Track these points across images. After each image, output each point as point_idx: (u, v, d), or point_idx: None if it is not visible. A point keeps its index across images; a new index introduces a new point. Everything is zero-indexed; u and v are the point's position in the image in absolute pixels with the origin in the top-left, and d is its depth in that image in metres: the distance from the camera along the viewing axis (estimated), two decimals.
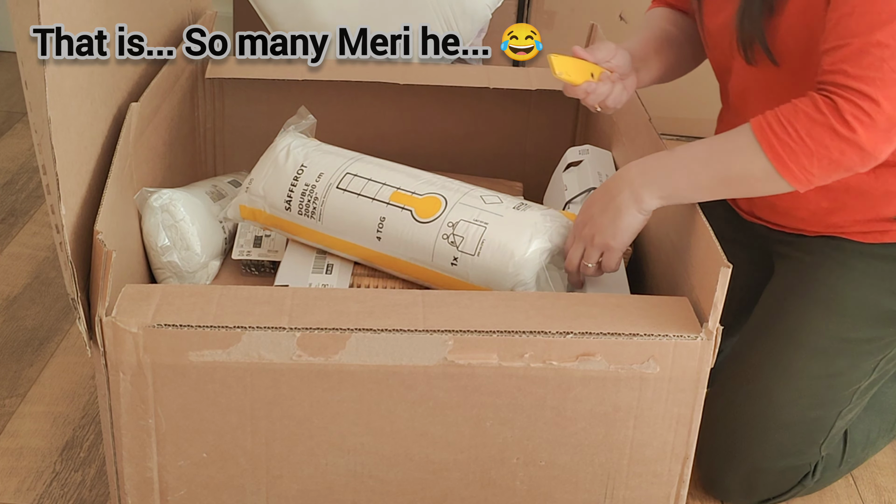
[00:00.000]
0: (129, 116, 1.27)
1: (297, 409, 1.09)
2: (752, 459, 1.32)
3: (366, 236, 1.27)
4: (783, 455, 1.32)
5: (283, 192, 1.31)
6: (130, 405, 1.07)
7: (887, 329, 1.31)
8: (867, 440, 1.40)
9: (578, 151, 1.55)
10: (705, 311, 1.07)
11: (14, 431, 1.47)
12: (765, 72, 1.22)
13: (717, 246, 1.08)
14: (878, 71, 1.07)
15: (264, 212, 1.33)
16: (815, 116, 1.09)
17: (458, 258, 1.22)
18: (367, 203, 1.27)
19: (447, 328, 1.05)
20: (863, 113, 1.08)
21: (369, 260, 1.30)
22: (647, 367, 1.08)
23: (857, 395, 1.33)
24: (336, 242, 1.30)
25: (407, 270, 1.27)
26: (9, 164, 2.26)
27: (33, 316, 1.73)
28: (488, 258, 1.21)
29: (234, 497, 1.14)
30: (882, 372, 1.34)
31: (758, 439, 1.32)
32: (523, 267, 1.20)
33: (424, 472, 1.13)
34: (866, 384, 1.33)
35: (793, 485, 1.35)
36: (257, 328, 1.04)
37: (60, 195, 1.03)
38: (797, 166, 1.11)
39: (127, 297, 1.07)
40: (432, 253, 1.23)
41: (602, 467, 1.14)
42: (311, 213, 1.29)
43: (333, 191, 1.29)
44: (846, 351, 1.30)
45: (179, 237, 1.35)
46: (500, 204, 1.25)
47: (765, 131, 1.11)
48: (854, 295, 1.30)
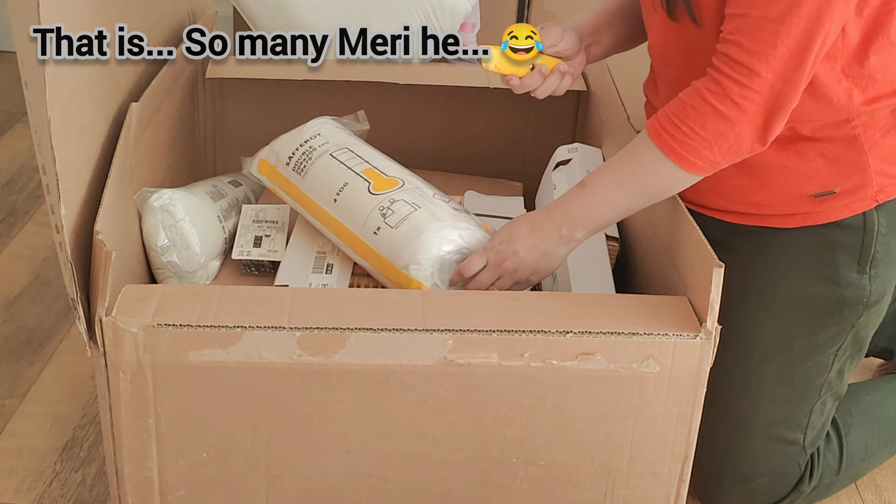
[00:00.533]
0: (130, 116, 1.27)
1: (297, 409, 1.09)
2: (740, 472, 1.33)
3: (327, 198, 1.32)
4: (766, 461, 1.32)
5: (291, 149, 1.38)
6: (130, 405, 1.07)
7: (831, 318, 1.28)
8: (866, 451, 1.39)
9: (567, 150, 1.56)
10: (701, 311, 1.08)
11: (14, 431, 1.47)
12: (686, 31, 1.21)
13: (707, 246, 1.08)
14: (771, 48, 1.08)
15: (274, 168, 1.38)
16: (704, 108, 1.12)
17: (381, 229, 1.26)
18: (342, 170, 1.33)
19: (447, 327, 1.05)
20: (749, 91, 1.09)
21: (322, 223, 1.34)
22: (647, 367, 1.08)
23: (825, 388, 1.31)
24: (307, 201, 1.35)
25: (340, 235, 1.31)
26: (9, 164, 2.26)
27: (33, 316, 1.73)
28: (402, 233, 1.24)
29: (234, 496, 1.14)
30: (845, 360, 1.31)
31: (737, 453, 1.32)
32: (425, 247, 1.22)
33: (424, 471, 1.13)
34: (832, 376, 1.31)
35: (789, 490, 1.34)
36: (257, 328, 1.04)
37: (60, 195, 1.03)
38: (701, 159, 1.13)
39: (127, 296, 1.07)
40: (364, 220, 1.28)
41: (602, 466, 1.14)
42: (300, 170, 1.36)
43: (325, 156, 1.35)
44: (795, 349, 1.29)
45: (179, 237, 1.35)
46: (444, 201, 1.30)
47: (661, 136, 1.14)
48: (787, 290, 1.28)
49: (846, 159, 1.23)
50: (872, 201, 1.24)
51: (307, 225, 1.41)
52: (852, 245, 1.26)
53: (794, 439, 1.32)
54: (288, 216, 1.45)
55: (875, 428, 1.40)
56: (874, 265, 1.26)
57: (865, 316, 1.28)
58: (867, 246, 1.26)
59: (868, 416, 1.40)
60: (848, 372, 1.34)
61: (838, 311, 1.28)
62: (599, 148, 1.57)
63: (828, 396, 1.32)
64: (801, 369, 1.30)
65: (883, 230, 1.25)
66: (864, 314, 1.28)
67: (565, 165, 1.53)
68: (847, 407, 1.39)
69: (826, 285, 1.27)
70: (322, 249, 1.36)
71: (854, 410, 1.39)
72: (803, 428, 1.32)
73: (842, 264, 1.26)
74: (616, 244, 1.37)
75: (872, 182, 1.24)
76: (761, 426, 1.31)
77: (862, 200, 1.24)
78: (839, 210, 1.25)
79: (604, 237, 1.36)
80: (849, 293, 1.27)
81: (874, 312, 1.29)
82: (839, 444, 1.37)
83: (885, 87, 1.20)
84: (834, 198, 1.25)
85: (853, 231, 1.25)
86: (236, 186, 1.55)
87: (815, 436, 1.33)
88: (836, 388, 1.33)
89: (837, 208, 1.25)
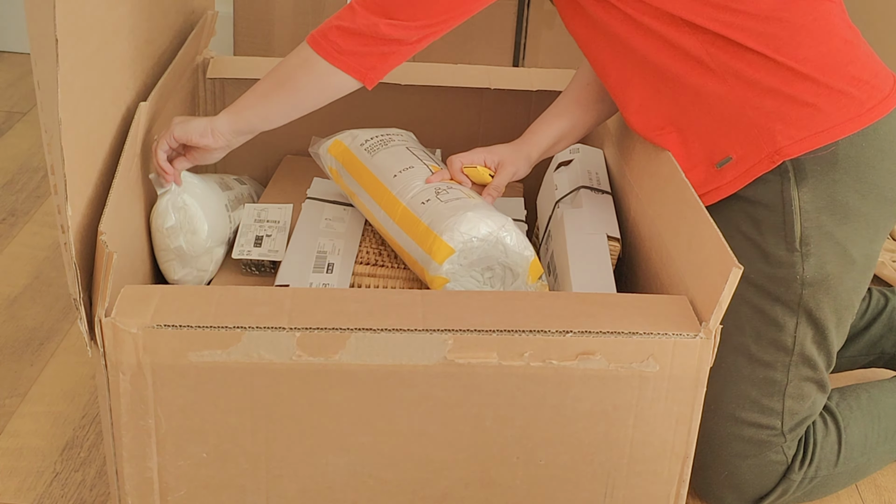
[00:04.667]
0: (138, 116, 1.27)
1: (296, 409, 1.09)
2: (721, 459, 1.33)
3: (387, 173, 1.36)
4: (744, 446, 1.32)
5: (370, 136, 1.44)
6: (130, 405, 1.07)
7: (771, 297, 1.28)
8: (865, 444, 1.39)
9: (569, 151, 1.56)
10: (702, 310, 1.07)
11: (14, 431, 1.47)
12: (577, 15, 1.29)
13: (726, 246, 1.08)
14: None
15: (348, 148, 1.43)
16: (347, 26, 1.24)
17: (430, 201, 1.29)
18: (412, 157, 1.40)
19: (447, 327, 1.06)
20: None
21: (371, 192, 1.37)
22: (647, 366, 1.08)
23: (793, 371, 1.31)
24: (365, 175, 1.39)
25: (382, 201, 1.35)
26: (9, 164, 2.26)
27: (33, 316, 1.73)
28: (450, 206, 1.28)
29: (233, 497, 1.14)
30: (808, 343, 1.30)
31: (714, 438, 1.32)
32: (467, 222, 1.24)
33: (424, 471, 1.13)
34: (795, 359, 1.30)
35: (778, 478, 1.34)
36: (257, 328, 1.04)
37: (67, 196, 1.03)
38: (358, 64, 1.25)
39: (126, 297, 1.07)
40: (417, 193, 1.32)
41: (602, 466, 1.14)
42: (372, 151, 1.41)
43: (401, 147, 1.42)
44: (746, 328, 1.29)
45: (187, 220, 1.35)
46: None
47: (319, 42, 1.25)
48: None
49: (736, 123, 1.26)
50: (770, 162, 1.25)
51: (308, 225, 1.41)
52: (775, 223, 1.27)
53: (770, 424, 1.32)
54: (290, 216, 1.45)
55: (875, 422, 1.40)
56: (805, 243, 1.26)
57: (810, 294, 1.28)
58: (790, 224, 1.26)
59: (868, 411, 1.40)
60: (820, 357, 1.32)
61: (775, 289, 1.28)
62: (600, 149, 1.57)
63: (804, 382, 1.32)
64: (759, 349, 1.30)
65: (807, 207, 1.26)
66: (807, 292, 1.27)
67: (566, 166, 1.53)
68: (847, 401, 1.39)
69: (758, 263, 1.28)
70: (323, 249, 1.36)
71: (854, 405, 1.40)
72: (778, 413, 1.32)
73: (769, 243, 1.27)
74: (617, 244, 1.37)
75: (762, 145, 1.25)
76: (732, 408, 1.31)
77: (761, 163, 1.26)
78: (744, 176, 1.27)
79: (605, 238, 1.36)
80: (781, 272, 1.27)
81: (822, 292, 1.28)
82: (838, 436, 1.37)
83: None
84: (734, 164, 1.27)
85: (774, 209, 1.27)
86: (241, 184, 1.56)
87: (797, 422, 1.33)
88: (809, 374, 1.32)
89: (741, 175, 1.27)
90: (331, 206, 1.47)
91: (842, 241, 1.28)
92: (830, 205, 1.26)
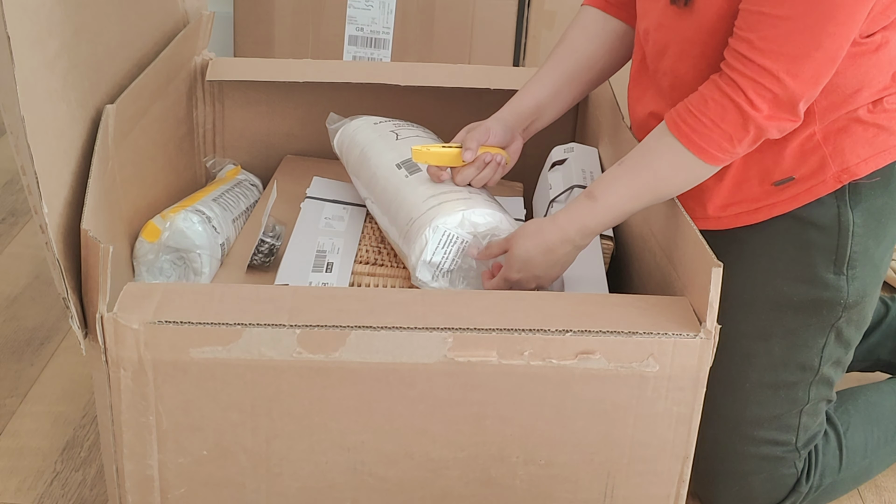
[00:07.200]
0: (106, 118, 1.25)
1: (297, 407, 1.09)
2: (734, 473, 1.33)
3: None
4: (759, 462, 1.32)
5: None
6: (131, 402, 1.07)
7: (809, 319, 1.27)
8: (866, 448, 1.39)
9: (563, 150, 1.56)
10: (700, 311, 1.08)
11: (14, 431, 1.47)
12: (685, 22, 1.21)
13: (705, 245, 1.08)
14: (784, 46, 1.09)
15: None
16: (723, 101, 1.13)
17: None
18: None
19: (447, 326, 1.06)
20: (765, 90, 1.11)
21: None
22: (647, 366, 1.08)
23: (814, 390, 1.31)
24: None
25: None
26: (9, 164, 2.26)
27: (33, 316, 1.73)
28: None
29: (234, 494, 1.14)
30: (832, 362, 1.30)
31: (729, 453, 1.32)
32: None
33: (424, 469, 1.13)
34: (819, 378, 1.30)
35: (787, 491, 1.34)
36: (258, 325, 1.04)
37: (42, 194, 1.02)
38: (720, 150, 1.15)
39: (128, 294, 1.07)
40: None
41: (602, 466, 1.14)
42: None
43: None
44: (776, 349, 1.28)
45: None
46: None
47: (681, 128, 1.15)
48: (764, 291, 1.28)
49: (800, 149, 1.24)
50: (836, 182, 1.24)
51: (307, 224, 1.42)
52: (828, 246, 1.25)
53: (786, 440, 1.32)
54: None
55: (874, 426, 1.40)
56: (851, 266, 1.26)
57: (846, 317, 1.28)
58: (843, 247, 1.25)
59: (866, 415, 1.40)
60: (837, 373, 1.33)
61: (816, 312, 1.27)
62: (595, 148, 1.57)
63: (820, 399, 1.32)
64: (785, 371, 1.29)
65: (859, 230, 1.25)
66: (844, 315, 1.28)
67: (561, 165, 1.53)
68: (845, 406, 1.39)
69: (802, 286, 1.26)
70: (322, 248, 1.37)
71: (852, 409, 1.39)
72: (794, 429, 1.32)
73: (818, 265, 1.26)
74: (610, 243, 1.38)
75: (829, 164, 1.23)
76: (750, 427, 1.31)
77: (824, 183, 1.24)
78: (804, 195, 1.25)
79: (598, 237, 1.36)
80: (826, 294, 1.26)
81: (855, 313, 1.28)
82: (838, 442, 1.37)
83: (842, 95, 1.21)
84: (794, 184, 1.25)
85: (828, 232, 1.25)
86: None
87: (810, 437, 1.33)
88: (827, 391, 1.33)
89: (801, 194, 1.25)
90: (330, 206, 1.48)
91: (877, 262, 1.28)
92: (876, 227, 1.26)
